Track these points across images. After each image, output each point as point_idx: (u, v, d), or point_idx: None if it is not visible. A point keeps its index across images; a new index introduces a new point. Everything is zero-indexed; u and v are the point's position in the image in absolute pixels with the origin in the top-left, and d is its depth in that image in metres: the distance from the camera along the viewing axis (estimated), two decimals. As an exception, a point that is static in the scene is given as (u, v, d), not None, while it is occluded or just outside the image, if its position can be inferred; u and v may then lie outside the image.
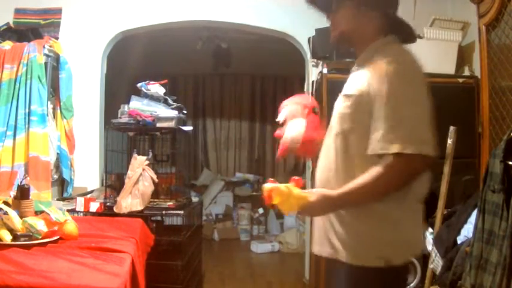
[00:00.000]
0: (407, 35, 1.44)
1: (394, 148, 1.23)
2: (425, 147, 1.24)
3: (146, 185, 2.67)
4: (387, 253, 1.33)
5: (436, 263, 2.54)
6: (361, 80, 1.34)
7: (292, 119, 1.53)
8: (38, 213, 2.14)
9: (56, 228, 1.87)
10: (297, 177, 1.38)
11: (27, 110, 3.00)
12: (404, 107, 1.25)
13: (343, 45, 1.57)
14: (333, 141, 1.40)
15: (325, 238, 1.42)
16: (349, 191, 1.29)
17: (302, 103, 1.55)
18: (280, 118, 1.55)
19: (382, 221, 1.33)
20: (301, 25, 3.67)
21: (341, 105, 1.40)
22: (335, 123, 1.41)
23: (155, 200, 2.78)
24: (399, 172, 1.25)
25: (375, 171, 1.26)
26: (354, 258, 1.34)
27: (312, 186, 1.48)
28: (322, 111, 3.25)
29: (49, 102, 3.14)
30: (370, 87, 1.30)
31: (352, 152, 1.35)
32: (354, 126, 1.34)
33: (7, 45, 3.17)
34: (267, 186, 1.36)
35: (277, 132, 1.55)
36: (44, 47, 3.15)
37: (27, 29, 3.40)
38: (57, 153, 3.21)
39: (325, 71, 3.26)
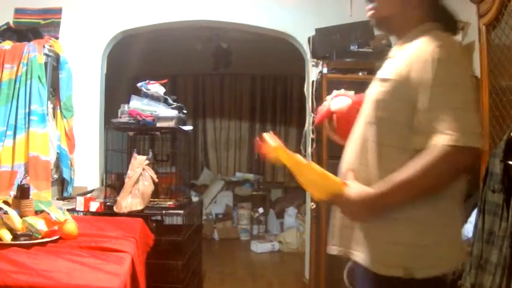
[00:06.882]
0: (449, 25, 1.28)
1: (449, 139, 1.07)
2: (475, 139, 1.09)
3: (146, 185, 2.67)
4: (407, 262, 1.14)
5: (436, 262, 2.54)
6: (401, 64, 1.19)
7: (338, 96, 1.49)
8: (38, 212, 2.13)
9: (56, 227, 1.87)
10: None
11: (27, 110, 3.00)
12: (460, 95, 1.12)
13: (381, 30, 1.37)
14: (364, 130, 1.25)
15: (345, 237, 1.28)
16: (392, 187, 1.12)
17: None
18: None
19: (405, 222, 1.16)
20: (301, 25, 3.67)
21: (376, 91, 1.23)
22: (368, 111, 1.25)
23: (155, 199, 2.78)
24: (453, 164, 1.08)
25: (420, 164, 1.09)
26: (371, 262, 1.19)
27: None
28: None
29: (49, 102, 3.14)
30: (412, 73, 1.15)
31: (385, 143, 1.19)
32: (389, 115, 1.19)
33: (7, 45, 3.16)
34: (274, 143, 1.22)
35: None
36: (44, 46, 3.14)
37: (27, 29, 3.40)
38: (57, 153, 3.21)
39: (325, 70, 3.26)
